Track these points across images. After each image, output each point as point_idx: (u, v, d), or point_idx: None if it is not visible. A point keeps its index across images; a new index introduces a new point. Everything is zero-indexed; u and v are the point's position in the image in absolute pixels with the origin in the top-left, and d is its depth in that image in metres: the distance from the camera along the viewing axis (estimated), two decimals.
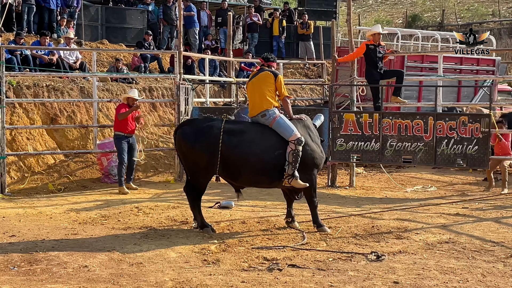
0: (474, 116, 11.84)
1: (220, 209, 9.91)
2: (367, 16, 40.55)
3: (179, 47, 13.28)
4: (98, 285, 5.87)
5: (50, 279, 6.07)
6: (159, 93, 15.58)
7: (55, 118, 13.32)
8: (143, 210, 9.65)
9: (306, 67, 21.60)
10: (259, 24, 21.45)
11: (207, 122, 8.25)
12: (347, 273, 6.33)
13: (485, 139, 11.33)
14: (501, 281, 6.10)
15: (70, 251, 7.08)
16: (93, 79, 13.12)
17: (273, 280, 6.06)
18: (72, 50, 14.93)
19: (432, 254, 7.11)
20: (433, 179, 13.59)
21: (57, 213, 9.46)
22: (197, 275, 6.21)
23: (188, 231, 8.30)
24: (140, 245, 7.48)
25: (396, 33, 22.50)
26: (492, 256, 7.06)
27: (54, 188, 11.65)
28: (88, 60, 15.46)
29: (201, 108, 13.53)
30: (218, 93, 17.39)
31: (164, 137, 14.69)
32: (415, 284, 5.95)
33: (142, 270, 6.40)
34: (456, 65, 16.60)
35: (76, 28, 17.63)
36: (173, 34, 19.37)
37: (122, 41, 18.83)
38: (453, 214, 9.65)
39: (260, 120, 8.15)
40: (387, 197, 11.30)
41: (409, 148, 11.64)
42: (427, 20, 38.04)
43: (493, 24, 35.52)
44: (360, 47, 12.82)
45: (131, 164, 11.67)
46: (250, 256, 7.00)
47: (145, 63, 17.02)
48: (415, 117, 11.74)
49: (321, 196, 10.82)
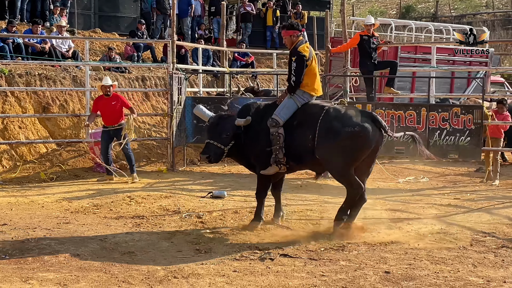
0: (467, 107, 11.88)
1: (213, 199, 9.91)
2: (361, 6, 40.49)
3: (172, 37, 13.23)
4: (89, 273, 5.87)
5: (41, 267, 6.06)
6: (152, 83, 15.53)
7: (47, 107, 13.25)
8: (135, 200, 9.64)
9: None
10: (253, 14, 21.39)
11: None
12: (339, 262, 6.34)
13: (478, 130, 11.37)
14: (492, 271, 6.13)
15: (61, 239, 7.08)
16: (85, 68, 13.06)
17: (265, 270, 6.07)
18: (64, 38, 14.84)
19: (424, 244, 7.12)
20: (425, 170, 13.61)
21: (49, 202, 9.45)
22: (189, 264, 6.21)
23: (180, 220, 8.30)
24: (132, 234, 7.48)
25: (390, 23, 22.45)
26: (483, 246, 7.09)
27: (46, 177, 11.61)
28: (81, 49, 15.38)
29: (194, 98, 13.50)
30: (211, 83, 17.35)
31: (157, 127, 14.67)
32: (406, 273, 5.97)
33: (134, 259, 6.40)
34: (449, 56, 16.62)
35: (69, 16, 17.52)
36: (166, 24, 19.30)
37: (115, 30, 18.75)
38: (445, 205, 9.69)
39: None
40: (379, 188, 11.32)
41: (402, 139, 11.61)
42: (421, 11, 38.03)
43: (487, 16, 35.56)
44: (353, 37, 12.82)
45: (126, 155, 11.60)
46: (242, 245, 7.01)
47: (138, 52, 16.94)
48: (408, 108, 11.77)
49: (314, 186, 10.86)
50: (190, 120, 13.09)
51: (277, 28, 21.52)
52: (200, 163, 13.78)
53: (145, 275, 5.84)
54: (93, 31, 17.96)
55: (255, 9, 21.87)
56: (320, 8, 23.85)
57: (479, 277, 5.93)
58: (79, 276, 5.77)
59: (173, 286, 5.58)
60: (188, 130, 13.13)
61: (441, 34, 23.01)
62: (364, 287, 5.59)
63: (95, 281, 5.65)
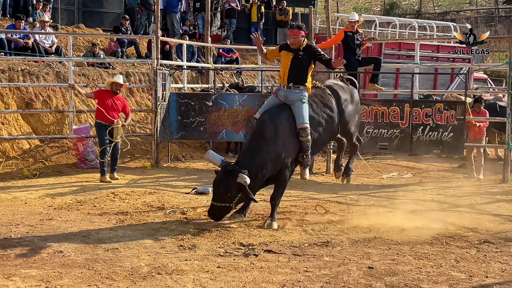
0: (450, 103, 11.95)
1: (197, 195, 9.90)
2: (345, 3, 40.55)
3: (156, 32, 13.18)
4: (73, 270, 5.84)
5: (24, 264, 6.02)
6: (136, 79, 15.47)
7: (30, 102, 13.16)
8: (119, 196, 9.60)
9: None
10: (237, 10, 21.35)
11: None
12: (323, 258, 6.37)
13: (460, 126, 11.45)
14: (474, 266, 6.18)
15: (44, 236, 7.04)
16: (69, 63, 12.96)
17: (249, 266, 6.08)
18: (48, 34, 14.72)
19: (407, 240, 7.17)
20: (409, 166, 13.70)
21: (32, 198, 9.38)
22: (173, 261, 6.21)
23: (164, 216, 8.29)
24: (116, 230, 7.45)
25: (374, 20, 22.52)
26: (465, 241, 7.15)
27: (29, 173, 11.53)
28: (64, 45, 15.28)
29: (179, 94, 13.48)
30: (195, 79, 17.31)
31: (141, 123, 14.62)
32: (390, 269, 6.01)
33: (118, 256, 6.38)
34: (433, 52, 16.72)
35: (52, 12, 17.38)
36: (150, 19, 19.22)
37: (99, 25, 18.62)
38: (428, 201, 9.75)
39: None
40: (363, 184, 11.37)
41: (385, 135, 11.72)
42: (405, 8, 38.16)
43: (470, 13, 35.78)
44: (338, 34, 12.84)
45: (114, 154, 11.34)
46: (226, 241, 7.01)
47: (122, 48, 16.86)
48: (392, 104, 11.82)
49: (297, 182, 10.86)
50: (175, 116, 13.06)
51: (261, 25, 21.51)
52: (184, 159, 13.77)
53: (128, 272, 5.83)
54: (77, 27, 17.84)
55: (240, 5, 21.83)
56: (305, 5, 23.85)
57: (461, 272, 5.98)
58: (62, 273, 5.75)
59: (157, 282, 5.57)
60: (173, 126, 13.09)
61: (425, 30, 23.13)
62: (347, 282, 5.62)
63: (78, 278, 5.63)
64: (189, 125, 13.04)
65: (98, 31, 17.96)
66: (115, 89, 11.25)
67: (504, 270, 6.04)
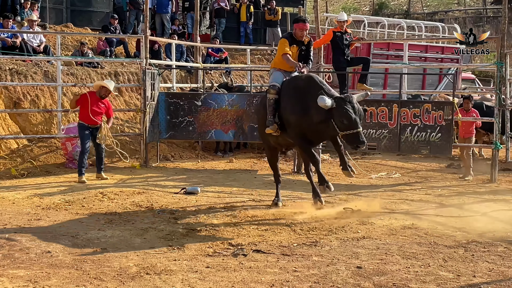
0: (438, 104, 12.00)
1: (186, 194, 9.89)
2: (334, 3, 40.62)
3: (145, 32, 13.16)
4: (61, 270, 5.82)
5: (12, 264, 6.00)
6: (125, 78, 15.41)
7: (18, 102, 13.09)
8: (107, 196, 9.58)
9: (273, 53, 21.56)
10: (227, 10, 21.32)
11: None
12: (311, 258, 6.38)
13: (448, 126, 11.50)
14: (462, 266, 6.21)
15: (32, 236, 7.01)
16: (57, 63, 12.91)
17: (238, 266, 6.08)
18: (36, 33, 14.66)
19: (395, 239, 7.21)
20: (397, 165, 13.75)
21: (20, 198, 9.34)
22: (161, 261, 6.20)
23: (153, 216, 8.27)
24: (104, 230, 7.44)
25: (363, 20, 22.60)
26: (453, 241, 7.19)
27: (17, 173, 11.48)
28: (53, 44, 15.21)
29: (168, 94, 13.46)
30: (184, 79, 17.27)
31: (130, 123, 14.58)
32: (378, 269, 6.03)
33: (106, 256, 6.37)
34: (421, 53, 16.79)
35: (40, 10, 17.28)
36: (139, 19, 19.15)
37: (88, 24, 18.53)
38: (417, 200, 9.79)
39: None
40: (352, 184, 11.40)
41: (374, 135, 11.76)
42: (393, 8, 38.29)
43: (458, 13, 35.96)
44: (327, 34, 12.86)
45: (99, 154, 11.30)
46: (215, 241, 7.01)
47: (111, 48, 16.80)
48: (380, 104, 11.85)
49: (286, 182, 10.89)
50: (164, 116, 13.05)
51: (251, 24, 21.49)
52: (173, 159, 13.75)
53: (117, 272, 5.82)
54: (65, 26, 17.74)
55: (229, 5, 21.81)
56: (294, 4, 23.84)
57: (449, 271, 6.01)
58: (50, 273, 5.73)
59: (146, 282, 5.56)
60: (162, 126, 13.08)
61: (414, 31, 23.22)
62: (336, 282, 5.63)
63: (66, 278, 5.61)
64: (178, 125, 13.03)
65: (86, 30, 17.88)
66: (102, 93, 11.16)
67: (491, 270, 6.08)
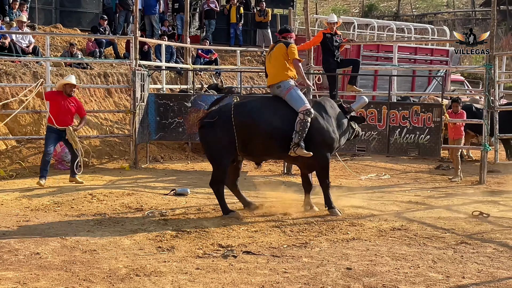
0: (427, 105, 12.05)
1: (176, 196, 9.87)
2: (324, 4, 40.71)
3: (135, 33, 13.13)
4: (50, 272, 5.80)
5: (0, 266, 5.96)
6: (114, 79, 15.37)
7: (6, 103, 13.02)
8: (97, 197, 9.55)
9: (263, 54, 21.59)
10: (216, 11, 21.32)
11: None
12: (301, 259, 6.38)
13: (437, 128, 11.54)
14: (451, 267, 6.23)
15: (21, 238, 6.97)
16: (46, 63, 12.86)
17: (227, 267, 6.08)
18: (25, 34, 14.57)
19: (385, 241, 7.22)
20: (387, 167, 13.79)
21: (8, 200, 9.29)
22: (151, 262, 6.18)
23: (142, 218, 8.25)
24: (94, 232, 7.41)
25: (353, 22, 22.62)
26: (442, 242, 7.21)
27: (5, 174, 11.42)
28: (42, 45, 15.15)
29: (157, 95, 13.43)
30: (174, 80, 17.26)
31: (119, 124, 14.54)
32: (368, 270, 6.04)
33: (96, 257, 6.34)
34: (410, 55, 16.85)
35: (30, 11, 17.21)
36: (129, 20, 19.12)
37: (77, 25, 18.48)
38: (406, 202, 9.82)
39: (276, 91, 8.59)
40: (342, 185, 11.42)
41: (363, 137, 11.78)
42: (383, 10, 38.43)
43: (448, 15, 36.15)
44: (317, 35, 12.88)
45: (74, 158, 10.80)
46: (205, 243, 7.00)
47: (100, 48, 16.75)
48: (369, 106, 11.87)
49: (277, 183, 10.89)
50: (153, 117, 13.02)
51: (241, 25, 21.51)
52: (163, 160, 13.72)
53: (106, 273, 5.79)
54: (54, 27, 17.68)
55: (219, 6, 21.81)
56: (284, 6, 23.89)
57: (438, 272, 6.03)
58: (39, 275, 5.70)
59: (135, 284, 5.54)
60: (151, 127, 13.05)
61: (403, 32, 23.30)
62: (326, 283, 5.64)
63: (55, 280, 5.58)
64: (168, 126, 13.01)
65: (76, 31, 17.83)
66: (69, 91, 10.71)
67: (480, 271, 6.10)
